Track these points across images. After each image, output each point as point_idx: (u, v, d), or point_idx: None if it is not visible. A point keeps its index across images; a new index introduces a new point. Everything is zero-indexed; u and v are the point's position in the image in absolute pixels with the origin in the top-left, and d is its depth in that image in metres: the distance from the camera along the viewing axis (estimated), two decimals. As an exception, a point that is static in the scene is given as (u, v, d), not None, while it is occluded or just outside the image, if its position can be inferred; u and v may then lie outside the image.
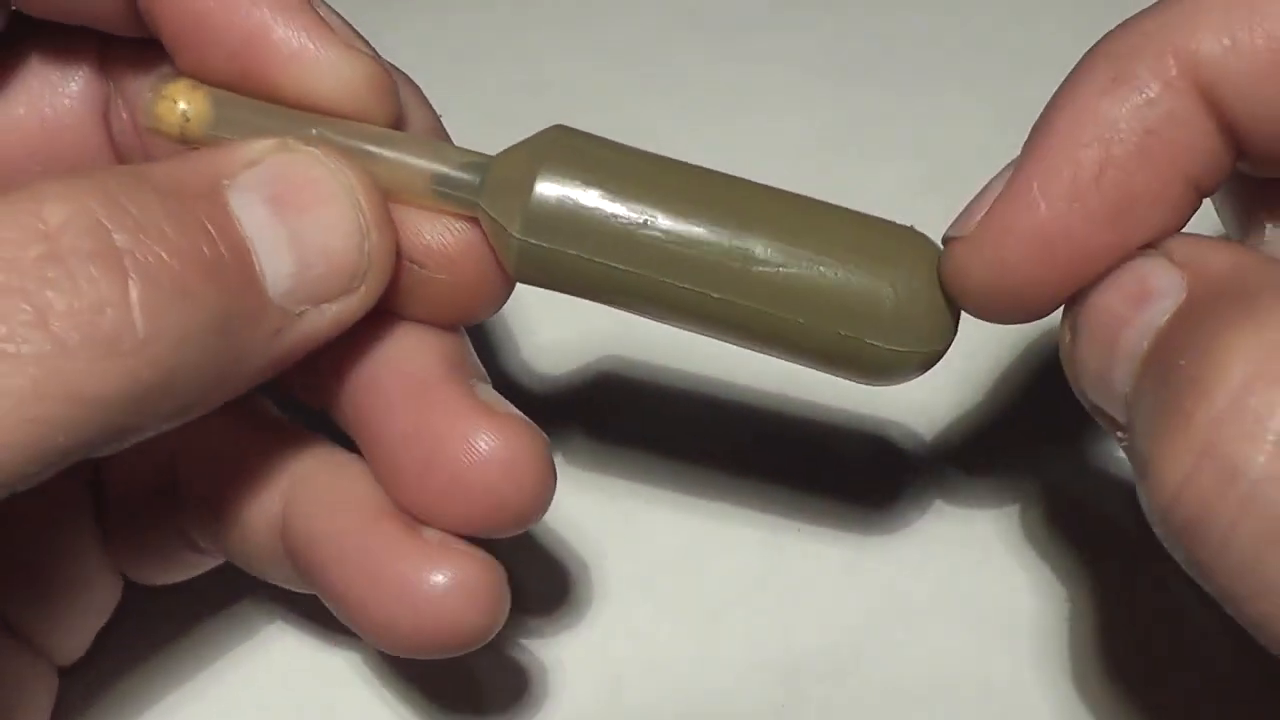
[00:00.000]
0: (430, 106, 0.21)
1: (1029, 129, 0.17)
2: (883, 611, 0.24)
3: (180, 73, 0.19)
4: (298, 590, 0.21)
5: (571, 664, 0.24)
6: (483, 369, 0.21)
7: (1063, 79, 0.17)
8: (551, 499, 0.20)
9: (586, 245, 0.18)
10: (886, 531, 0.25)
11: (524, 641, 0.24)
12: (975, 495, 0.25)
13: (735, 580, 0.24)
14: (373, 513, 0.20)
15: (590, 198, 0.18)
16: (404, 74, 0.21)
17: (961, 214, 0.18)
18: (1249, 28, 0.16)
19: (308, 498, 0.20)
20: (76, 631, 0.22)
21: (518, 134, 0.19)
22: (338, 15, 0.20)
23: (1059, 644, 0.23)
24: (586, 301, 0.19)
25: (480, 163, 0.19)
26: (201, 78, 0.19)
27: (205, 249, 0.17)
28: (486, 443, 0.19)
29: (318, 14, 0.19)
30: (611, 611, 0.24)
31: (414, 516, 0.20)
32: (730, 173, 0.19)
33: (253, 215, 0.17)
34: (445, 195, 0.19)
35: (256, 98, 0.19)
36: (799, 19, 0.32)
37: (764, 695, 0.23)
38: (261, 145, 0.18)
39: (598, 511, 0.25)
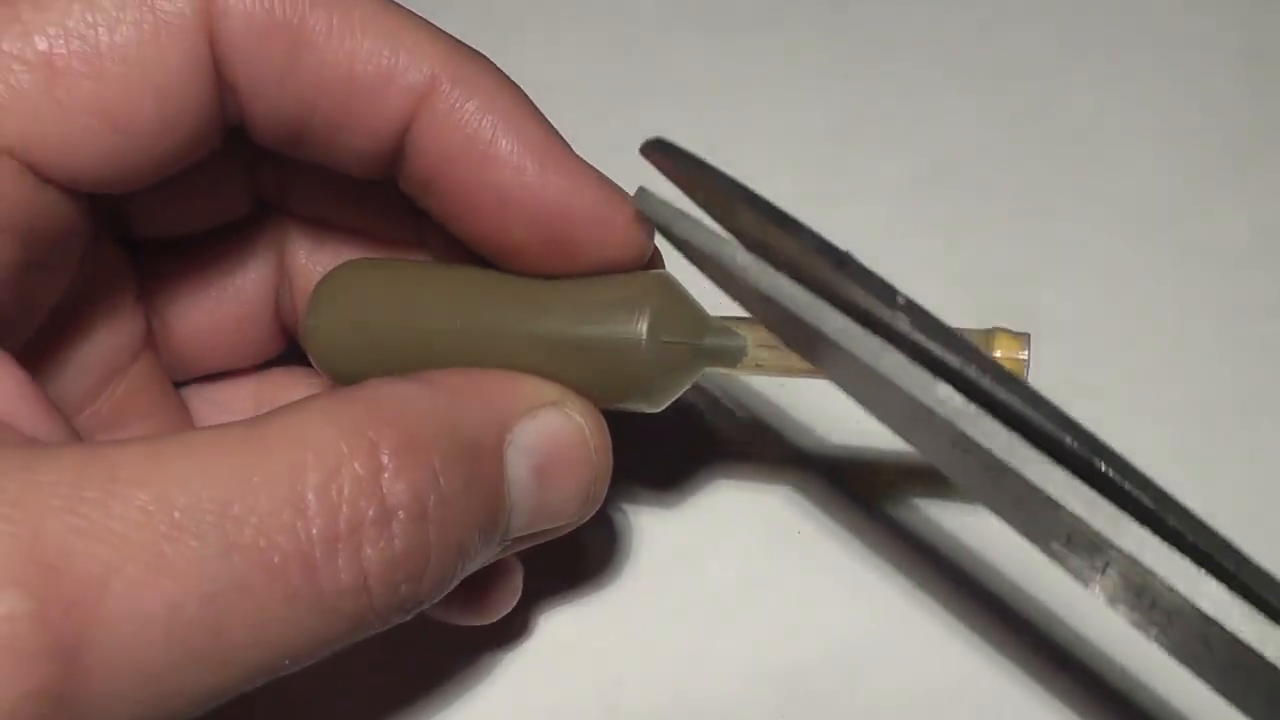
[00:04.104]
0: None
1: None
2: (881, 619, 0.24)
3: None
4: None
5: (572, 664, 0.24)
6: None
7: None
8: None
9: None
10: (886, 537, 0.25)
11: (524, 642, 0.24)
12: (975, 506, 0.25)
13: (736, 582, 0.24)
14: None
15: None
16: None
17: None
18: None
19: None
20: None
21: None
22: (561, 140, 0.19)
23: (1056, 656, 0.23)
24: None
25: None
26: (480, 246, 0.19)
27: (482, 517, 0.18)
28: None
29: (603, 178, 0.19)
30: (611, 612, 0.24)
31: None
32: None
33: (519, 479, 0.18)
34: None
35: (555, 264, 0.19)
36: (799, 17, 0.32)
37: (763, 697, 0.23)
38: (542, 392, 0.19)
39: (598, 513, 0.25)
